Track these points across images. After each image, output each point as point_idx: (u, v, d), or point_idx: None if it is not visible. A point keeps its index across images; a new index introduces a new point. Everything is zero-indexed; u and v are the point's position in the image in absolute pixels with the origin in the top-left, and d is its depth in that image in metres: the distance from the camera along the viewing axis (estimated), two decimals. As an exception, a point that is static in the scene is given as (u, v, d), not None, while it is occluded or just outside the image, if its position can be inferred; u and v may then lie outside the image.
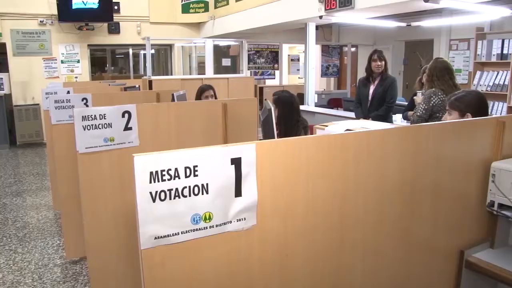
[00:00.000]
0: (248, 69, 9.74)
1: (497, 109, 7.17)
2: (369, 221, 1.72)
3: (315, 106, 7.99)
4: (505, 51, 7.09)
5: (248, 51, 9.69)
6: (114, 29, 10.54)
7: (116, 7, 10.34)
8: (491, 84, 7.28)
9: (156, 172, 1.23)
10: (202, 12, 10.88)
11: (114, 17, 10.19)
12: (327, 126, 1.94)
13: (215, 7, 10.42)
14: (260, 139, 2.86)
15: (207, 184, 1.29)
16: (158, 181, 1.24)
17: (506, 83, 7.04)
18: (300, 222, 1.53)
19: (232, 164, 1.32)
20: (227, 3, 9.77)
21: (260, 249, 1.45)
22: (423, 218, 1.91)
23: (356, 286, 1.74)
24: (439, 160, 1.91)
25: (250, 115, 3.30)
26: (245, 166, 1.34)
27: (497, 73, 7.23)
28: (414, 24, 8.00)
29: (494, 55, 7.26)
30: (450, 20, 7.97)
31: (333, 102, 9.13)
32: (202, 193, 1.29)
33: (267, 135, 2.73)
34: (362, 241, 1.71)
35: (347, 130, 1.84)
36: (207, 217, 1.32)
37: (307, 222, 1.54)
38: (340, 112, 7.12)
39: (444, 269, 2.07)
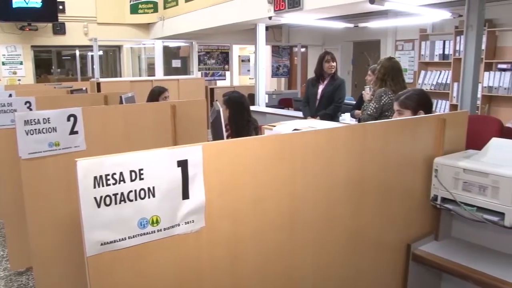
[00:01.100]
0: (198, 70, 9.67)
1: (441, 107, 7.48)
2: (319, 220, 1.74)
3: (266, 106, 8.02)
4: (446, 52, 7.41)
5: (198, 52, 9.63)
6: (60, 29, 10.22)
7: (61, 7, 10.03)
8: (434, 83, 7.59)
9: (101, 176, 1.20)
10: (151, 12, 10.72)
11: (59, 17, 9.89)
12: (275, 126, 1.96)
13: (165, 8, 10.29)
14: (210, 141, 2.85)
15: (153, 187, 1.27)
16: (103, 186, 1.21)
17: (448, 82, 7.35)
18: (250, 223, 1.53)
19: (178, 166, 1.30)
20: (177, 4, 9.68)
21: (210, 251, 1.44)
22: (371, 215, 1.95)
23: (308, 284, 1.76)
24: (385, 157, 1.97)
25: (200, 116, 3.28)
26: (192, 168, 1.33)
27: (440, 73, 7.55)
28: (361, 25, 8.18)
29: (436, 55, 7.57)
30: (395, 22, 8.22)
31: (284, 102, 9.20)
32: (149, 197, 1.27)
33: (217, 136, 2.72)
34: (313, 240, 1.73)
35: (295, 129, 1.86)
36: (155, 221, 1.29)
37: (257, 223, 1.54)
38: (290, 112, 7.19)
39: (392, 263, 2.13)
